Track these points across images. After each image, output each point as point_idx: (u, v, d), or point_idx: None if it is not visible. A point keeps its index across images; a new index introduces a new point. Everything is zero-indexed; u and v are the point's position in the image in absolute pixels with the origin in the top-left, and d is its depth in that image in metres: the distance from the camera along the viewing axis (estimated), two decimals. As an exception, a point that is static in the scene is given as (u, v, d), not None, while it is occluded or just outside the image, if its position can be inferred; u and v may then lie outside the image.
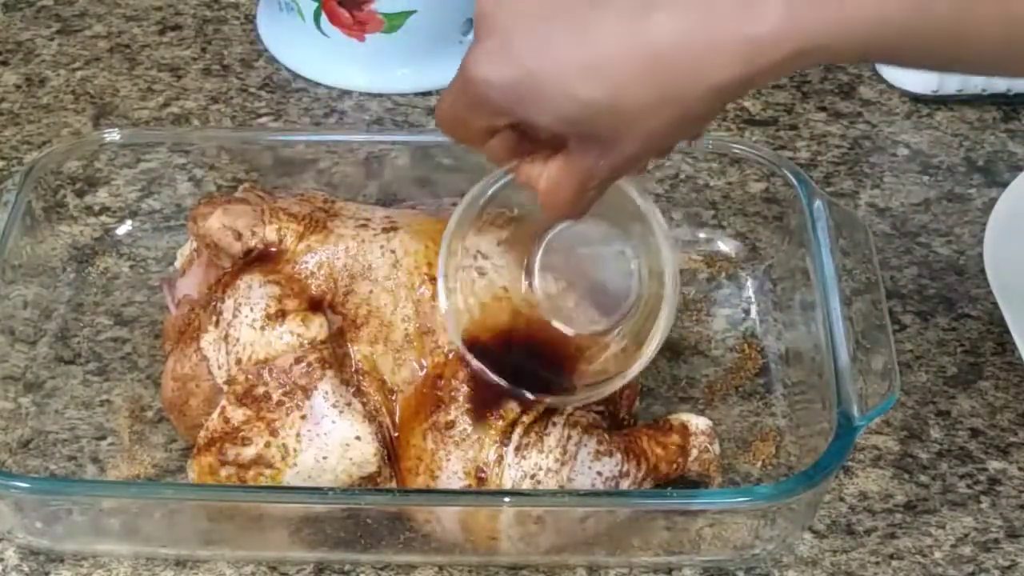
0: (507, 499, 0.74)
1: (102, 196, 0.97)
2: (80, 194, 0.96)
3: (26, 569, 0.78)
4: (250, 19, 1.13)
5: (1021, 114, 1.05)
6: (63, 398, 0.86)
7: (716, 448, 0.78)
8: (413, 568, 0.78)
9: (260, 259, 0.79)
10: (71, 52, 1.10)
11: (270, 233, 0.79)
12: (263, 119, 1.05)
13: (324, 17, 1.04)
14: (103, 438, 0.84)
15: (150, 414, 0.85)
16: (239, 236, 0.79)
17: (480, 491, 0.74)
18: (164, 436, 0.83)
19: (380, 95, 1.06)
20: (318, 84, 1.07)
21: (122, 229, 0.95)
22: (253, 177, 0.94)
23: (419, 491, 0.75)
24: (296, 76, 1.08)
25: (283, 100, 1.06)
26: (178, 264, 0.85)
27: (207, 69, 1.08)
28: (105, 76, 1.08)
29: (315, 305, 0.77)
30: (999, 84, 1.04)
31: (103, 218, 0.96)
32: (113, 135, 0.93)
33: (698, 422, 0.79)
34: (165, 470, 0.82)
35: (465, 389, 0.75)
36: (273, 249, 0.79)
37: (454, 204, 0.85)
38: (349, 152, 0.94)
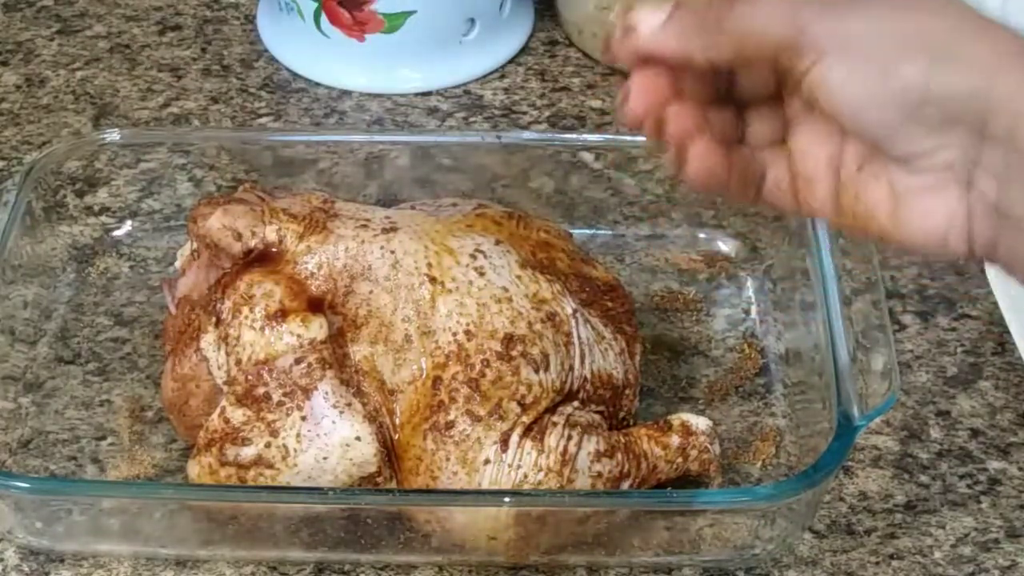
0: (507, 499, 0.74)
1: (102, 196, 0.97)
2: (80, 194, 0.96)
3: (26, 569, 0.78)
4: (250, 19, 1.13)
5: (1021, 114, 1.04)
6: (63, 398, 0.86)
7: (716, 448, 0.78)
8: (413, 568, 0.78)
9: (260, 259, 0.79)
10: (71, 52, 1.10)
11: (270, 233, 0.79)
12: (263, 119, 1.05)
13: (324, 17, 1.04)
14: (103, 438, 0.84)
15: (150, 414, 0.85)
16: (239, 236, 0.79)
17: (480, 491, 0.74)
18: (164, 436, 0.83)
19: (380, 95, 1.07)
20: (318, 84, 1.07)
21: (122, 229, 0.95)
22: (253, 177, 0.94)
23: (419, 491, 0.75)
24: (296, 76, 1.08)
25: (283, 100, 1.06)
26: (178, 264, 0.85)
27: (207, 69, 1.09)
28: (105, 76, 1.08)
29: (315, 305, 0.77)
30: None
31: (103, 218, 0.96)
32: (113, 135, 0.93)
33: (698, 422, 0.79)
34: (165, 470, 0.82)
35: (465, 390, 0.75)
36: (273, 249, 0.79)
37: (454, 204, 0.85)
38: (349, 152, 0.94)
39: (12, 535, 0.78)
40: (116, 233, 0.95)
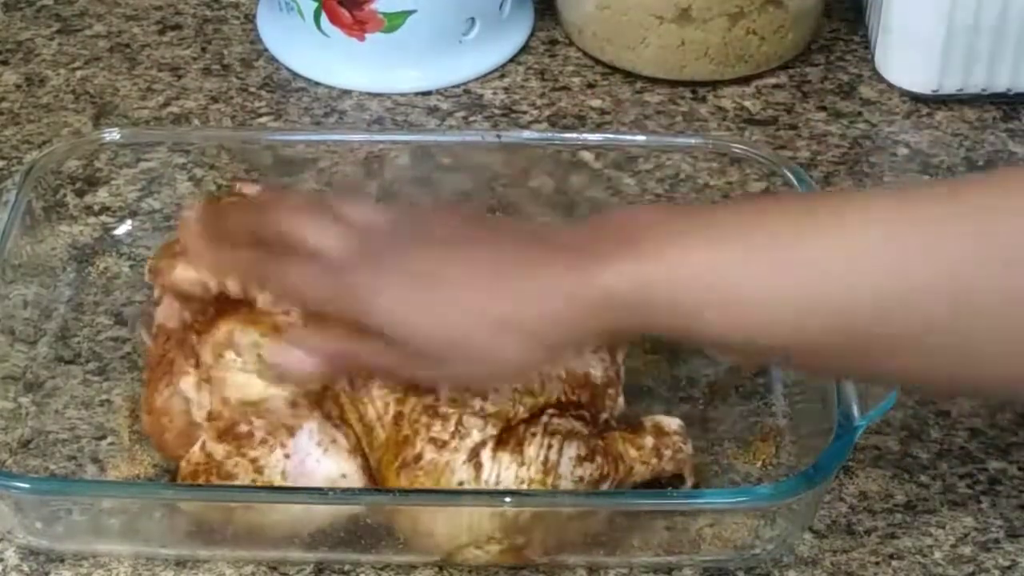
0: (507, 499, 0.74)
1: (102, 196, 0.97)
2: (80, 194, 0.96)
3: (26, 569, 0.78)
4: (250, 19, 1.13)
5: (1021, 114, 1.04)
6: (63, 398, 0.86)
7: (689, 448, 0.78)
8: (413, 568, 0.78)
9: (235, 305, 0.77)
10: (71, 52, 1.10)
11: (232, 285, 0.77)
12: (263, 119, 1.05)
13: (324, 17, 1.04)
14: (103, 438, 0.84)
15: (150, 414, 0.85)
16: (206, 287, 0.77)
17: (480, 491, 0.74)
18: (164, 436, 0.83)
19: (380, 95, 1.06)
20: (318, 84, 1.07)
21: (122, 229, 0.95)
22: (253, 177, 0.94)
23: (419, 491, 0.74)
24: (296, 76, 1.08)
25: (283, 100, 1.06)
26: (156, 293, 0.83)
27: (207, 69, 1.09)
28: (105, 76, 1.08)
29: None
30: (999, 84, 1.04)
31: (103, 218, 0.96)
32: (113, 135, 0.93)
33: (670, 422, 0.78)
34: (165, 470, 0.82)
35: (424, 419, 0.74)
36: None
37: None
38: (349, 152, 0.94)
39: (12, 535, 0.78)
40: (116, 233, 0.95)
